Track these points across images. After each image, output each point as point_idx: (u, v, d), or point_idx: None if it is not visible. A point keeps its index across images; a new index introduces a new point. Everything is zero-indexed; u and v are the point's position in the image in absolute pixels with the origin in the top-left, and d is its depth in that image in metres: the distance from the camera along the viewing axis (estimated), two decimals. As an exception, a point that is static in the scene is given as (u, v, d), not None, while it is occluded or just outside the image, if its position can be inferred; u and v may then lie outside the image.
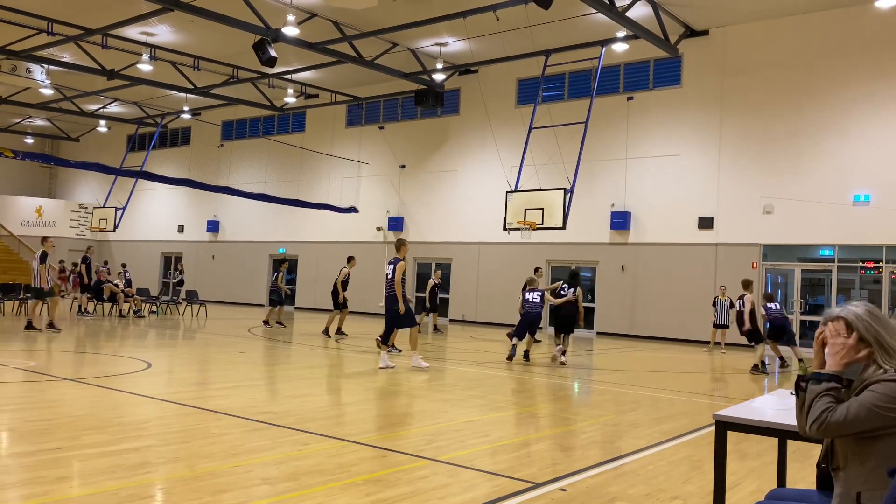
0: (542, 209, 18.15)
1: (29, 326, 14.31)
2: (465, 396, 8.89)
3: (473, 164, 24.40)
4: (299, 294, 28.99)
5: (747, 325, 13.56)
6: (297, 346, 14.67)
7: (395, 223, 26.13)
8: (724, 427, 3.56)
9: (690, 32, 20.01)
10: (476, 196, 23.98)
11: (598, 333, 21.08)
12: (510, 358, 13.01)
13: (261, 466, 5.04)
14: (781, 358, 14.22)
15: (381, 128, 27.12)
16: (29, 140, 37.48)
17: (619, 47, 19.77)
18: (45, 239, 15.48)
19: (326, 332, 16.19)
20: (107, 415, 6.71)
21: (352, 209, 26.85)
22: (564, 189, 18.18)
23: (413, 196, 25.98)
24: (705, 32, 20.01)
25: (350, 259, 17.11)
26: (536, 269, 15.73)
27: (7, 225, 37.08)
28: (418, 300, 23.82)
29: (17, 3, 18.96)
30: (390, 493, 4.56)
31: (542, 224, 18.15)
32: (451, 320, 24.38)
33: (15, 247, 36.34)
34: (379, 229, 26.57)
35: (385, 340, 11.48)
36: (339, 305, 16.54)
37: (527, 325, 13.25)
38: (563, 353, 13.18)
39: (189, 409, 7.04)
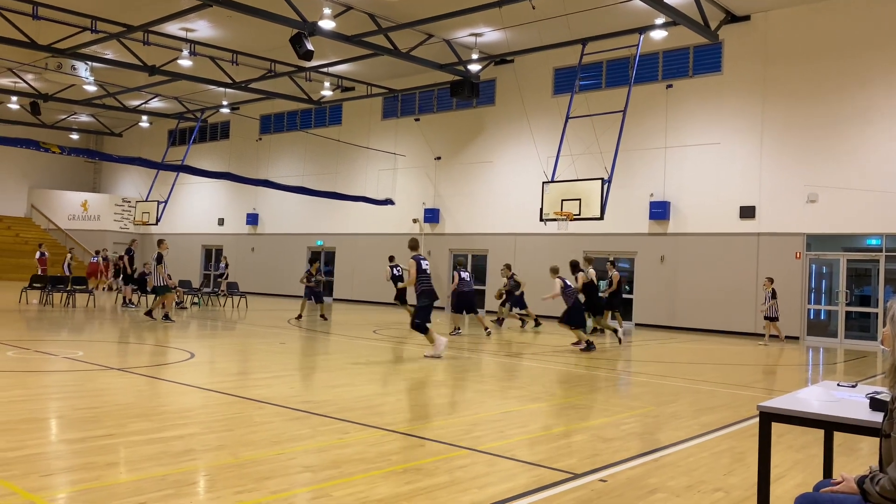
0: (580, 199, 18.00)
1: (148, 314, 16.12)
2: (503, 387, 8.89)
3: (509, 154, 24.30)
4: (337, 285, 29.26)
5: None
6: (336, 337, 14.82)
7: (431, 215, 26.17)
8: (768, 418, 3.50)
9: (731, 18, 19.58)
10: (512, 187, 23.88)
11: (637, 325, 20.86)
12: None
13: (302, 454, 5.11)
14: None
15: (417, 119, 27.15)
16: (74, 136, 38.41)
17: (658, 34, 19.44)
18: (160, 242, 17.35)
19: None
20: (152, 403, 6.88)
21: (388, 201, 26.97)
22: (602, 179, 18.00)
23: (449, 187, 25.98)
24: (747, 18, 19.56)
25: (391, 258, 17.69)
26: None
27: (55, 219, 38.15)
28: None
29: (62, 3, 19.42)
30: (430, 482, 4.59)
31: (579, 215, 18.00)
32: (486, 311, 24.35)
33: (62, 240, 37.38)
34: (415, 221, 26.64)
35: (424, 330, 11.51)
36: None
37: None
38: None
39: (231, 398, 7.17)
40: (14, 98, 30.64)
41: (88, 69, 25.91)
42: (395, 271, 18.15)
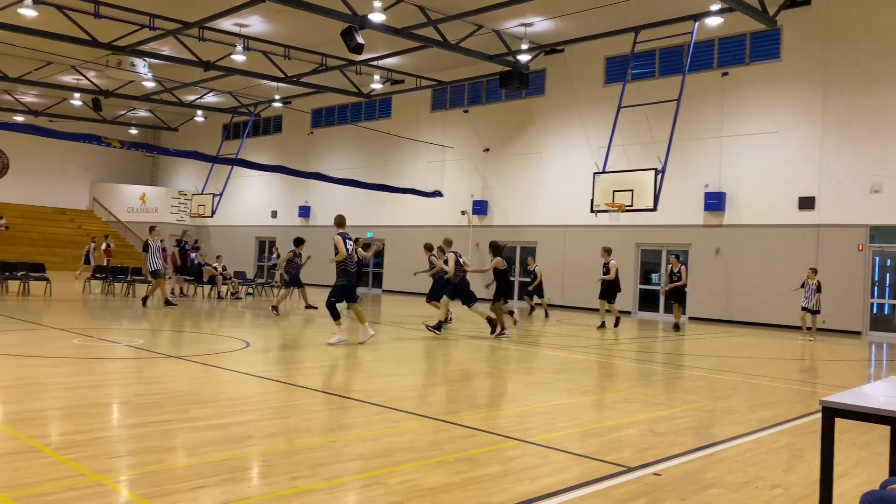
0: (632, 190, 17.74)
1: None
2: (554, 379, 8.84)
3: (559, 145, 24.07)
4: (386, 277, 29.52)
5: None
6: (386, 328, 14.96)
7: (480, 207, 26.14)
8: (832, 413, 3.40)
9: (790, 3, 18.97)
10: (562, 178, 23.67)
11: (691, 318, 20.48)
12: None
13: (355, 442, 5.18)
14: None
15: (466, 111, 27.11)
16: (133, 131, 39.56)
17: (714, 21, 18.95)
18: (151, 229, 17.40)
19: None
20: (210, 390, 7.06)
21: (436, 193, 27.04)
22: (655, 169, 17.69)
23: (497, 179, 25.90)
24: (807, 2, 18.92)
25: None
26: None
27: (115, 212, 39.42)
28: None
29: (122, 1, 19.99)
30: (482, 472, 4.60)
31: (631, 206, 17.75)
32: (535, 304, 24.23)
33: (122, 232, 38.60)
34: (463, 213, 26.65)
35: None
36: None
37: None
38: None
39: (286, 386, 7.31)
40: (77, 95, 31.73)
41: (146, 65, 26.67)
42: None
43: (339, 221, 11.44)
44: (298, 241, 18.38)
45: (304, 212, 33.17)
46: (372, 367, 9.39)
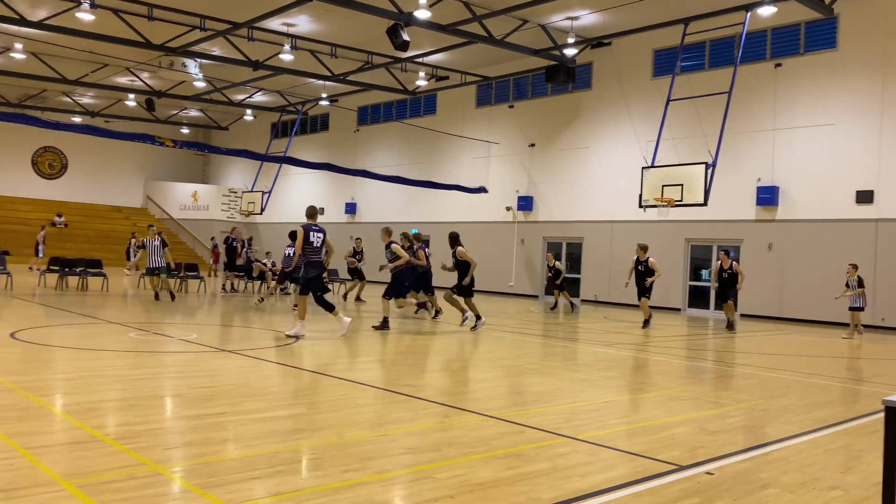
0: (682, 185, 17.43)
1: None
2: (602, 377, 8.76)
3: (606, 139, 23.79)
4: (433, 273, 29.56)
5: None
6: (429, 324, 15.01)
7: (525, 202, 26.01)
8: (895, 414, 3.29)
9: (848, -11, 18.38)
10: (609, 173, 23.39)
11: (743, 315, 20.03)
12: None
13: (404, 436, 5.22)
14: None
15: (511, 106, 27.00)
16: (185, 130, 40.50)
17: (766, 11, 18.47)
18: (149, 227, 18.01)
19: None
20: (261, 383, 7.20)
21: (481, 189, 27.00)
22: (706, 163, 17.35)
23: (543, 174, 25.73)
24: (866, -12, 18.31)
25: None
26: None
27: (168, 209, 40.45)
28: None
29: (174, 3, 20.47)
30: (531, 469, 4.59)
31: (681, 200, 17.44)
32: (582, 300, 24.05)
33: (175, 229, 39.59)
34: (508, 209, 26.56)
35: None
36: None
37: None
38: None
39: (335, 380, 7.40)
40: (131, 95, 32.63)
41: (198, 66, 27.26)
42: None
43: (310, 213, 11.17)
44: (293, 236, 18.57)
45: (351, 209, 33.50)
46: (418, 363, 9.44)
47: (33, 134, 36.34)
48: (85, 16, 19.90)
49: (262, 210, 32.12)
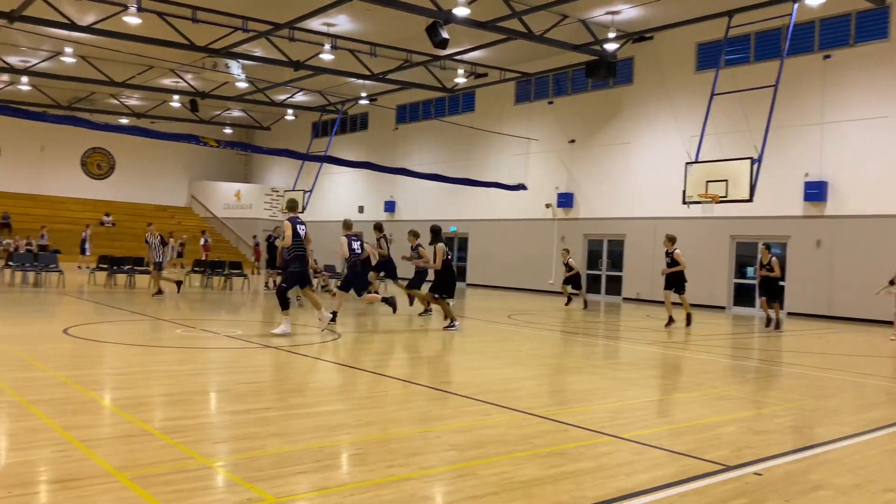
0: (726, 181, 17.09)
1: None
2: (645, 375, 8.66)
3: (648, 135, 23.47)
4: (470, 271, 29.60)
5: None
6: (472, 322, 15.01)
7: (565, 199, 25.82)
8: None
9: (901, -23, 17.80)
10: (651, 169, 23.07)
11: (790, 314, 19.58)
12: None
13: (447, 433, 5.23)
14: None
15: (551, 102, 26.81)
16: (228, 130, 41.19)
17: (815, 1, 17.96)
18: (148, 224, 18.16)
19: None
20: (306, 379, 7.29)
21: (520, 186, 26.89)
22: (751, 158, 16.98)
23: (583, 171, 25.50)
24: (920, -24, 17.72)
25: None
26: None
27: (212, 208, 41.21)
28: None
29: (217, 5, 20.83)
30: (575, 467, 4.56)
31: (725, 197, 17.10)
32: (624, 299, 23.78)
33: (219, 227, 40.32)
34: (548, 206, 26.40)
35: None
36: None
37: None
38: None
39: (377, 377, 7.45)
40: (176, 97, 33.31)
41: (240, 67, 27.70)
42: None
43: (291, 205, 10.86)
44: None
45: (390, 206, 33.68)
46: (459, 360, 9.45)
47: (82, 135, 37.39)
48: (132, 19, 20.36)
49: (304, 209, 32.47)
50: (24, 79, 30.52)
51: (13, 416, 5.18)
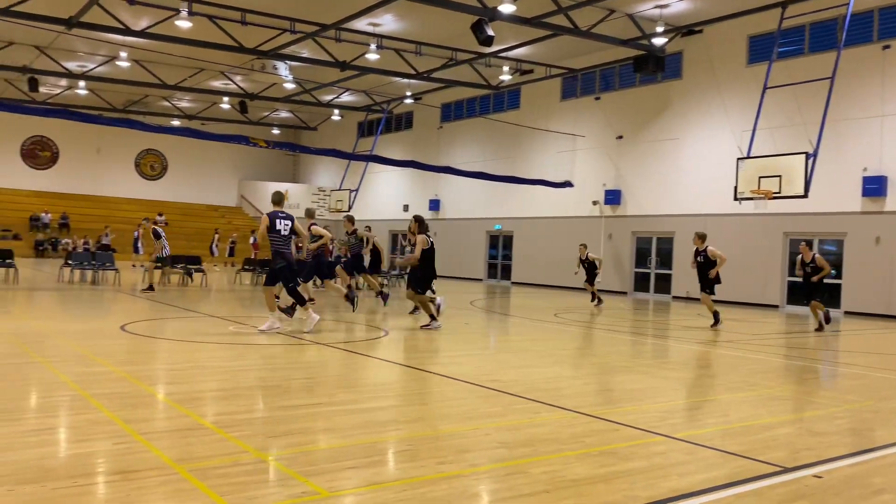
0: (780, 176, 16.66)
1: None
2: (697, 375, 8.50)
3: (698, 130, 23.03)
4: (515, 269, 29.51)
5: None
6: (517, 320, 14.97)
7: (612, 196, 25.51)
8: None
9: (966, -38, 17.08)
10: (701, 164, 22.63)
11: (847, 313, 18.99)
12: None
13: (496, 431, 5.22)
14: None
15: (597, 98, 26.52)
16: (276, 131, 41.87)
17: (873, -11, 17.40)
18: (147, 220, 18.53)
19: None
20: (355, 376, 7.37)
21: (567, 184, 26.66)
22: (806, 153, 16.52)
23: (631, 167, 25.16)
24: None
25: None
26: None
27: (261, 208, 41.91)
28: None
29: (265, 7, 21.18)
30: (626, 466, 4.51)
31: (779, 193, 16.67)
32: (673, 297, 23.40)
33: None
34: (595, 203, 26.12)
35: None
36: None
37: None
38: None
39: (425, 374, 7.49)
40: (225, 98, 34.01)
41: (288, 68, 28.11)
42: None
43: (276, 199, 10.48)
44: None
45: (435, 205, 33.77)
46: (506, 358, 9.42)
47: (136, 137, 38.47)
48: (183, 23, 20.87)
49: (350, 207, 32.81)
50: (82, 83, 31.53)
51: (77, 409, 5.36)
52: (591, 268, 19.28)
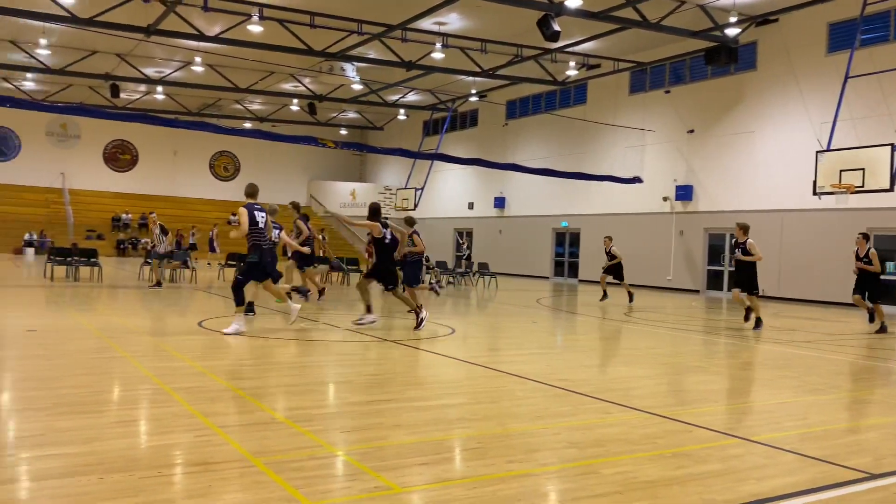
0: (863, 169, 15.91)
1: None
2: (776, 376, 8.21)
3: (774, 122, 22.22)
4: (582, 267, 29.15)
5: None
6: (584, 318, 14.78)
7: (683, 192, 24.90)
8: None
9: None
10: (777, 158, 21.84)
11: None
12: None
13: (566, 430, 5.18)
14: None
15: (667, 92, 25.91)
16: (343, 131, 42.56)
17: (966, -30, 16.42)
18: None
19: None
20: (424, 373, 7.43)
21: (636, 179, 26.16)
22: (892, 144, 15.73)
23: (703, 162, 24.49)
24: None
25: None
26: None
27: (329, 207, 42.72)
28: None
29: (333, 10, 21.56)
30: (702, 469, 4.40)
31: (862, 186, 15.93)
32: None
33: (335, 226, 41.73)
34: (665, 199, 25.55)
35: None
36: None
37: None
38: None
39: (493, 372, 7.48)
40: (295, 100, 34.78)
41: (355, 69, 28.52)
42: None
43: (249, 191, 9.93)
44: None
45: (500, 202, 33.68)
46: (575, 357, 9.33)
47: (210, 140, 39.81)
48: (254, 27, 21.44)
49: (416, 206, 33.06)
50: (159, 88, 32.81)
51: (159, 403, 5.59)
52: (616, 263, 18.21)
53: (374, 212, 11.01)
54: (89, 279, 18.75)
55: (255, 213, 9.69)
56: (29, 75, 31.61)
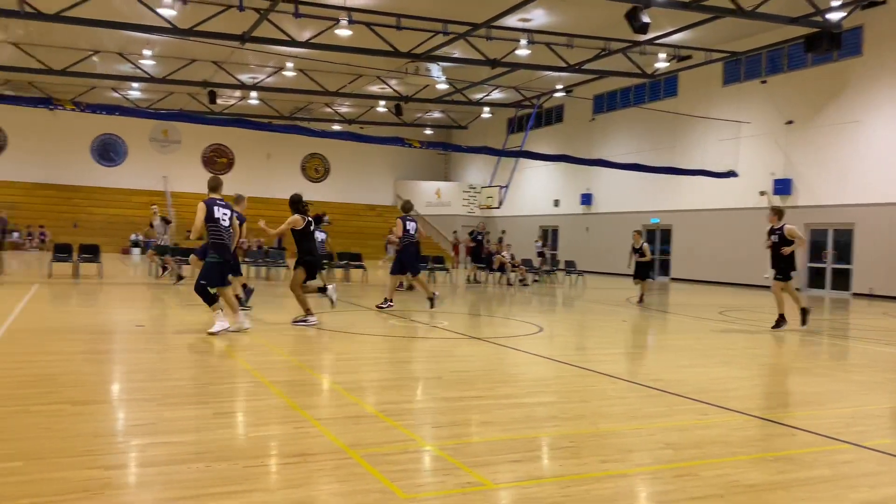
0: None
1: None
2: (887, 379, 7.74)
3: (883, 111, 20.94)
4: (674, 265, 28.35)
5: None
6: (677, 317, 14.37)
7: (782, 186, 23.81)
8: None
9: None
10: (887, 149, 20.57)
11: None
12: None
13: (662, 431, 5.05)
14: None
15: (764, 82, 24.84)
16: (428, 131, 42.95)
17: None
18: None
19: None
20: (513, 370, 7.41)
21: (730, 173, 25.22)
22: None
23: (803, 155, 23.34)
24: None
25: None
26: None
27: (415, 206, 43.24)
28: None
29: (419, 11, 21.78)
30: (808, 474, 4.19)
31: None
32: (854, 294, 21.47)
33: (421, 224, 42.23)
34: (762, 193, 24.50)
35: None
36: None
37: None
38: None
39: (583, 371, 7.38)
40: (382, 102, 35.36)
41: (440, 69, 28.73)
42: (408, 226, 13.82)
43: (212, 185, 9.24)
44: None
45: (587, 199, 33.17)
46: (668, 357, 9.08)
47: (302, 142, 41.02)
48: (343, 32, 21.92)
49: (500, 204, 33.02)
50: (253, 93, 34.05)
51: (259, 395, 5.80)
52: (646, 262, 16.88)
53: (295, 203, 10.96)
54: (191, 277, 19.65)
55: (216, 208, 8.97)
56: (134, 85, 33.51)
